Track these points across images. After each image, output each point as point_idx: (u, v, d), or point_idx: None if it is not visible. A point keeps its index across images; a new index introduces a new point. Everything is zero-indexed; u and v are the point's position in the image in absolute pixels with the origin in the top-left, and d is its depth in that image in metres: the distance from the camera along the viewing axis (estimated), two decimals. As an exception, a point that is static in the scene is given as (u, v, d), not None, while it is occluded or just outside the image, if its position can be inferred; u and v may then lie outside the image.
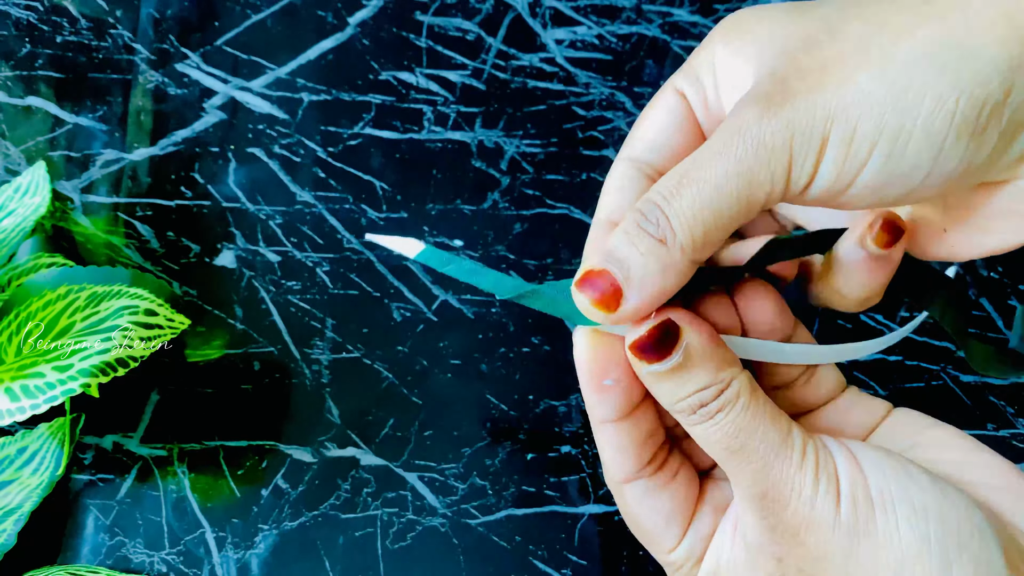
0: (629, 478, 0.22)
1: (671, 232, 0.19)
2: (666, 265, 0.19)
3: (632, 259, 0.19)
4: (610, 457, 0.23)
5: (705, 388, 0.20)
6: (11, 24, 0.43)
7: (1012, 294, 0.41)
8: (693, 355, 0.20)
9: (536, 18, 0.43)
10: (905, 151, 0.18)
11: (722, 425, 0.20)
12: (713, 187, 0.18)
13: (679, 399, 0.20)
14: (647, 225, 0.19)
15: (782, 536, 0.20)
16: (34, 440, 0.36)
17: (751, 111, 0.18)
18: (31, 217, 0.36)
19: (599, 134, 0.42)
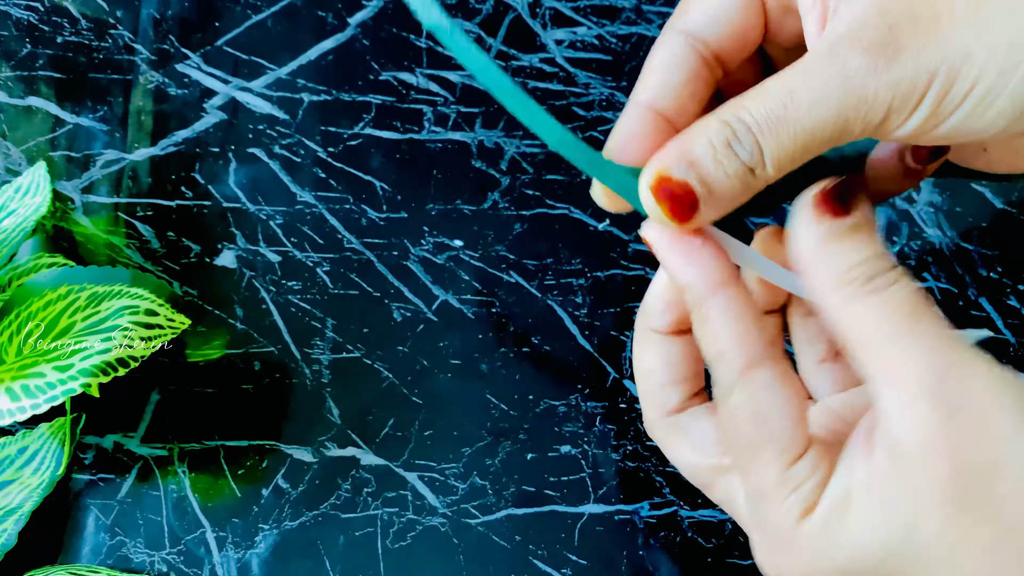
0: (755, 363, 0.20)
1: (761, 164, 0.19)
2: (748, 188, 0.19)
3: (717, 178, 0.19)
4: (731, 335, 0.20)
5: (882, 256, 0.19)
6: (11, 24, 0.43)
7: (1012, 294, 0.41)
8: (867, 223, 0.19)
9: (536, 18, 0.43)
10: (987, 112, 0.18)
11: (898, 296, 0.18)
12: (810, 131, 0.18)
13: (855, 263, 0.19)
14: (739, 148, 0.19)
15: (964, 422, 0.17)
16: (35, 440, 0.36)
17: (860, 60, 0.17)
18: (32, 217, 0.37)
19: (599, 134, 0.42)
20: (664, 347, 0.23)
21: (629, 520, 0.39)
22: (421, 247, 0.41)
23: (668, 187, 0.19)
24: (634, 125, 0.21)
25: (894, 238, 0.41)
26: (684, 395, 0.23)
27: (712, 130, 0.19)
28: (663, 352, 0.23)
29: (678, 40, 0.21)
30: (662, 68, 0.21)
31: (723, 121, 0.19)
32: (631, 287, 0.41)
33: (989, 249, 0.41)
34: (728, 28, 0.21)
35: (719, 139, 0.19)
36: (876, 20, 0.18)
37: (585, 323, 0.40)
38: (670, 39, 0.22)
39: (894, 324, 0.18)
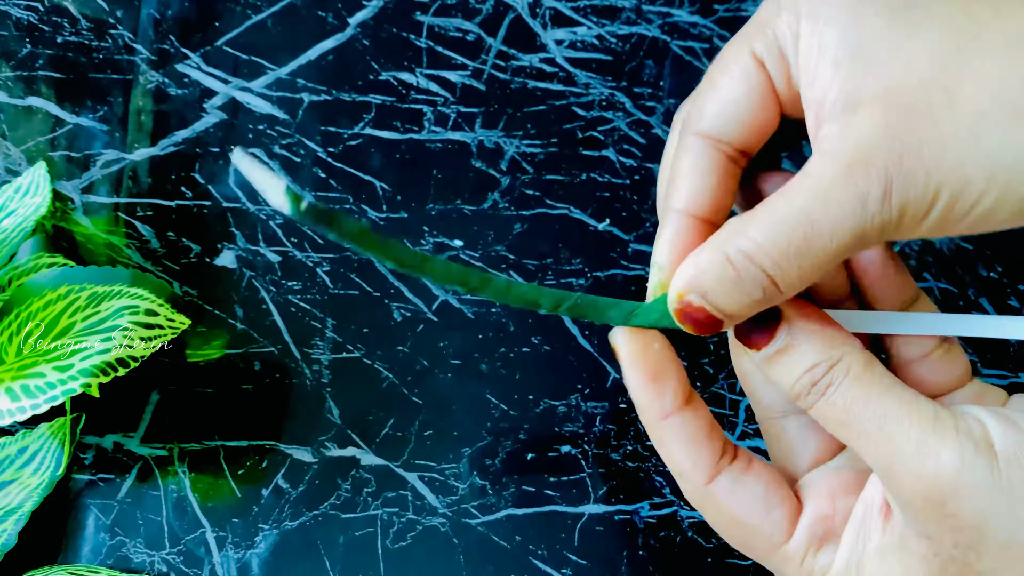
0: (712, 473, 0.21)
1: (777, 293, 0.19)
2: (761, 308, 0.20)
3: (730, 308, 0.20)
4: (685, 457, 0.22)
5: (816, 366, 0.20)
6: (11, 24, 0.43)
7: (1012, 294, 0.41)
8: (799, 335, 0.20)
9: (536, 18, 0.43)
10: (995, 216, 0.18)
11: (834, 400, 0.20)
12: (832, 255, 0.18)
13: (794, 380, 0.20)
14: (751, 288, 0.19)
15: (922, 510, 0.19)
16: (35, 440, 0.36)
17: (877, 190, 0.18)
18: (31, 217, 0.37)
19: (599, 134, 0.42)
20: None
21: (629, 520, 0.39)
22: (421, 247, 0.41)
23: (689, 312, 0.20)
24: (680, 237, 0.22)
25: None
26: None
27: (717, 265, 0.19)
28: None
29: (701, 144, 0.22)
30: (694, 174, 0.22)
31: (728, 259, 0.19)
32: (631, 287, 0.41)
33: (989, 249, 0.41)
34: (748, 126, 0.22)
35: (725, 277, 0.19)
36: (887, 146, 0.18)
37: (585, 323, 0.40)
38: (692, 144, 0.22)
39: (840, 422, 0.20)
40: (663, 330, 0.22)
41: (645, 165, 0.42)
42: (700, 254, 0.20)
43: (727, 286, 0.19)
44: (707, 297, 0.20)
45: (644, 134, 0.42)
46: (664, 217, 0.22)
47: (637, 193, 0.42)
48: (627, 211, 0.42)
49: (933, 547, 0.19)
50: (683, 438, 0.21)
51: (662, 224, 0.22)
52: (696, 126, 0.22)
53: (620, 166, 0.42)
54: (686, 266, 0.20)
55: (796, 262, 0.18)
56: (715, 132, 0.22)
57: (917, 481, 0.18)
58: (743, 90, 0.21)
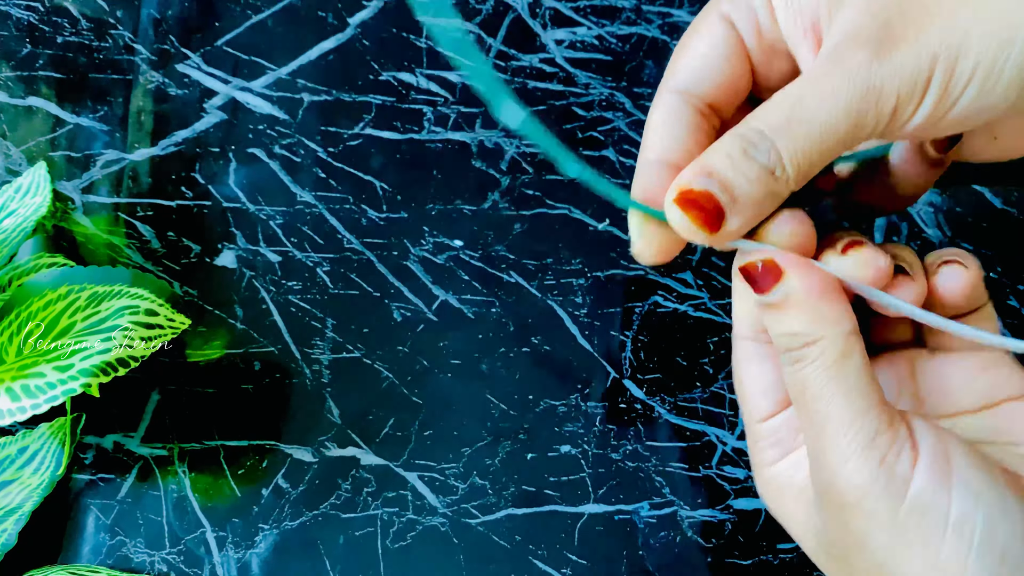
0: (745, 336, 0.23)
1: (781, 165, 0.19)
2: (771, 193, 0.20)
3: (739, 183, 0.20)
4: (736, 310, 0.23)
5: (795, 335, 0.20)
6: (12, 25, 0.43)
7: (1011, 294, 0.41)
8: (792, 300, 0.20)
9: (536, 19, 0.43)
10: (995, 86, 0.18)
11: (796, 376, 0.20)
12: (822, 128, 0.19)
13: (775, 335, 0.21)
14: (756, 153, 0.19)
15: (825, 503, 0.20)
16: (35, 440, 0.36)
17: (860, 55, 0.18)
18: (32, 217, 0.37)
19: (599, 134, 0.42)
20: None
21: (629, 520, 0.39)
22: (421, 247, 0.41)
23: (691, 197, 0.20)
24: (650, 180, 0.22)
25: (894, 238, 0.41)
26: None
27: (726, 143, 0.20)
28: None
29: (672, 98, 0.23)
30: (663, 124, 0.22)
31: (736, 134, 0.20)
32: (631, 287, 0.41)
33: (988, 249, 0.41)
34: (718, 83, 0.23)
35: (735, 148, 0.20)
36: (870, 20, 0.18)
37: (585, 323, 0.40)
38: (665, 99, 0.23)
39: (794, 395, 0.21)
40: None
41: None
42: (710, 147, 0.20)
43: (737, 157, 0.19)
44: (714, 174, 0.20)
45: (644, 134, 0.42)
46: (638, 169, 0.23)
47: (637, 193, 0.42)
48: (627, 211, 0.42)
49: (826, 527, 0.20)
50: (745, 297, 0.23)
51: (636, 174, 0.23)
52: (667, 83, 0.23)
53: (620, 166, 0.42)
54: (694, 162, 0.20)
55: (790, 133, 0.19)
56: (684, 86, 0.23)
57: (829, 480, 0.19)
58: (710, 46, 0.22)
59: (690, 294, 0.41)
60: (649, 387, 0.40)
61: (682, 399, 0.40)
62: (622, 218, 0.42)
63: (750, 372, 0.23)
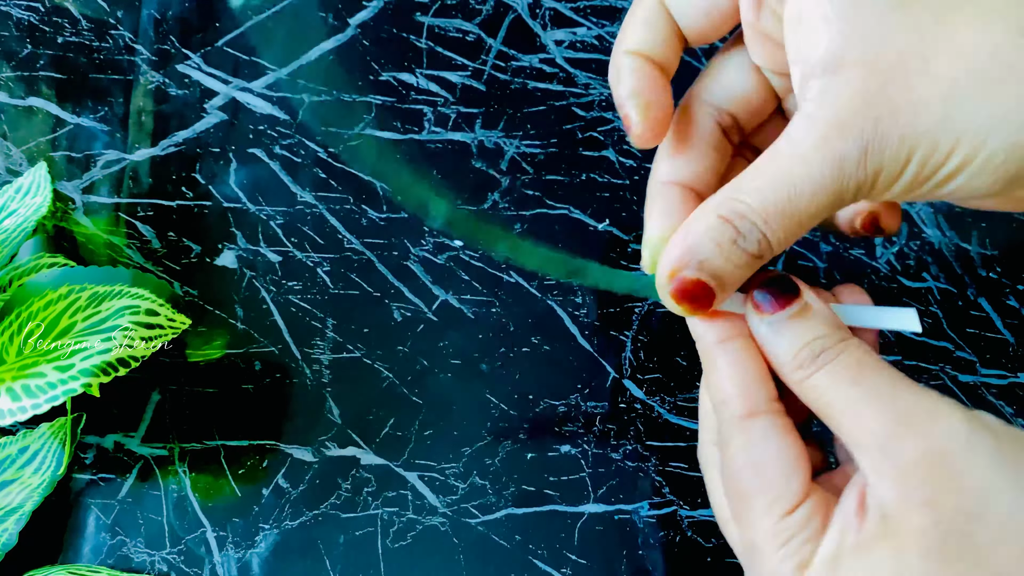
0: (755, 410, 0.21)
1: (769, 249, 0.20)
2: (754, 269, 0.21)
3: (727, 270, 0.20)
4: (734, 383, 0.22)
5: (828, 336, 0.20)
6: (12, 25, 0.43)
7: (1010, 294, 0.41)
8: (812, 306, 0.21)
9: (536, 19, 0.44)
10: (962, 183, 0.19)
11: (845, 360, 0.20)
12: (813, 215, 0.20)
13: (802, 345, 0.20)
14: (745, 243, 0.20)
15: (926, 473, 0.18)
16: (35, 440, 0.36)
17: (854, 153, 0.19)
18: (32, 217, 0.37)
19: (599, 135, 0.42)
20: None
21: (629, 520, 0.39)
22: (421, 247, 0.41)
23: (685, 287, 0.21)
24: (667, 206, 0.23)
25: (894, 238, 0.41)
26: None
27: (715, 229, 0.20)
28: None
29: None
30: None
31: (723, 218, 0.20)
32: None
33: (988, 249, 0.41)
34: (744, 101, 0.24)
35: (724, 238, 0.20)
36: (865, 110, 0.19)
37: (585, 323, 0.40)
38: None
39: (845, 393, 0.20)
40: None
41: (645, 165, 0.42)
42: (693, 223, 0.21)
43: (726, 246, 0.20)
44: (704, 264, 0.20)
45: (644, 134, 0.42)
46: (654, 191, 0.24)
47: (637, 193, 0.42)
48: (627, 211, 0.42)
49: (934, 516, 0.18)
50: (740, 366, 0.22)
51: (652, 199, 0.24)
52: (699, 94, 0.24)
53: (620, 166, 0.42)
54: (677, 239, 0.21)
55: (782, 221, 0.20)
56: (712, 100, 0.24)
57: (924, 440, 0.18)
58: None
59: (690, 294, 0.41)
60: (649, 387, 0.40)
61: (682, 399, 0.40)
62: (622, 218, 0.42)
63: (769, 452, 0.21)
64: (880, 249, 0.41)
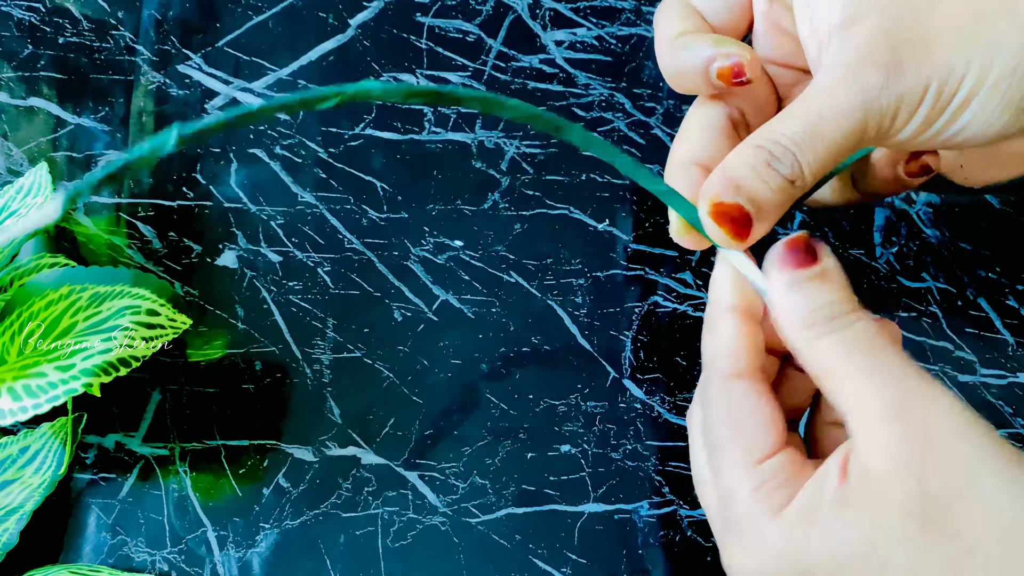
0: (741, 374, 0.23)
1: (801, 175, 0.22)
2: (790, 199, 0.22)
3: (763, 194, 0.22)
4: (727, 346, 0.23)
5: (838, 302, 0.21)
6: (13, 25, 0.43)
7: (1010, 294, 0.41)
8: (832, 272, 0.22)
9: (536, 20, 0.44)
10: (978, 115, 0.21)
11: (859, 329, 0.21)
12: (839, 141, 0.21)
13: (818, 306, 0.21)
14: (778, 165, 0.21)
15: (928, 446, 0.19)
16: (36, 439, 0.36)
17: (875, 78, 0.21)
18: (33, 217, 0.37)
19: (599, 135, 0.42)
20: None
21: (629, 519, 0.39)
22: (422, 247, 0.41)
23: (723, 210, 0.22)
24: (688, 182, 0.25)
25: (893, 238, 0.41)
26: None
27: (750, 155, 0.22)
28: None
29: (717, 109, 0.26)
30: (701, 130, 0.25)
31: (757, 146, 0.22)
32: (631, 287, 0.41)
33: (987, 249, 0.41)
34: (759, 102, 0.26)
35: (759, 161, 0.22)
36: (883, 43, 0.21)
37: (585, 323, 0.41)
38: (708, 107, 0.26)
39: (854, 359, 0.20)
40: None
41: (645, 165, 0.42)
42: (730, 156, 0.22)
43: (761, 169, 0.21)
44: (741, 188, 0.22)
45: (644, 135, 0.42)
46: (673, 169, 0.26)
47: (637, 193, 0.42)
48: (627, 211, 0.42)
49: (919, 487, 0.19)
50: (736, 329, 0.23)
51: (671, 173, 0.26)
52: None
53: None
54: (717, 171, 0.22)
55: (812, 145, 0.21)
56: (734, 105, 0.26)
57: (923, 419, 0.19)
58: None
59: (690, 294, 0.41)
60: (649, 387, 0.40)
61: (682, 399, 0.40)
62: (622, 218, 0.42)
63: (750, 407, 0.22)
64: (880, 249, 0.41)
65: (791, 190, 0.22)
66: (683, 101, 0.43)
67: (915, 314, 0.40)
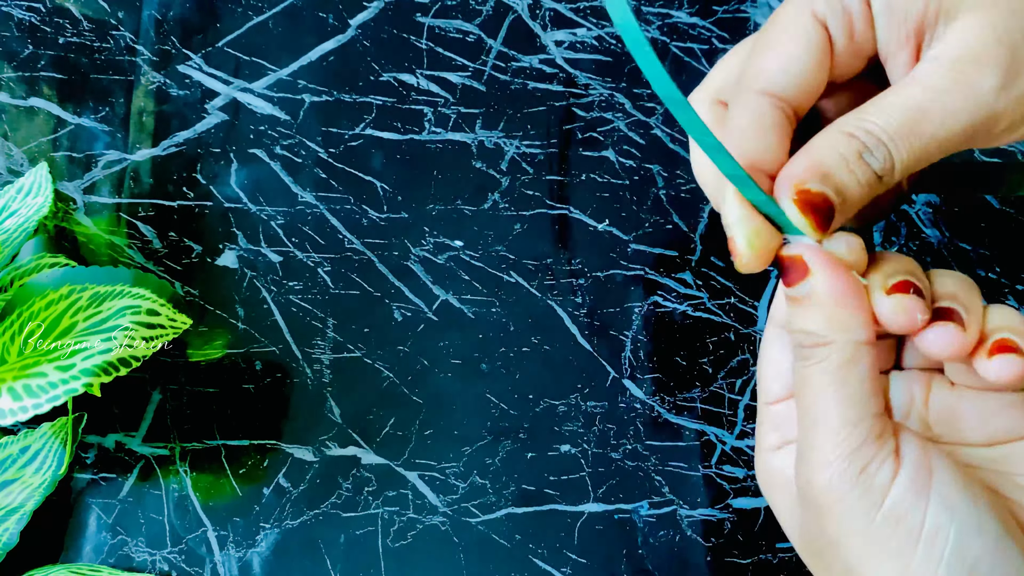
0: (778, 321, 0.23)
1: (891, 171, 0.20)
2: (875, 193, 0.20)
3: (851, 186, 0.20)
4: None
5: (809, 334, 0.20)
6: (13, 25, 0.43)
7: (1010, 294, 0.41)
8: (813, 299, 0.20)
9: (536, 20, 0.44)
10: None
11: (801, 373, 0.20)
12: (941, 141, 0.20)
13: (795, 329, 0.21)
14: (870, 158, 0.20)
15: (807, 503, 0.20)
16: (37, 439, 0.37)
17: (989, 80, 0.19)
18: (34, 217, 0.37)
19: (599, 135, 0.42)
20: None
21: (629, 519, 0.39)
22: (422, 247, 0.41)
23: (808, 199, 0.20)
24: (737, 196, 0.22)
25: (893, 238, 0.41)
26: None
27: (841, 143, 0.20)
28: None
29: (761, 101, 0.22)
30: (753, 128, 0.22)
31: (848, 134, 0.20)
32: (631, 287, 0.41)
33: (987, 249, 0.41)
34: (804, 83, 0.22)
35: (850, 151, 0.20)
36: (996, 43, 0.19)
37: (585, 323, 0.41)
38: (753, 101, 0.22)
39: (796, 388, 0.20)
40: None
41: (645, 165, 0.42)
42: (818, 140, 0.20)
43: (851, 159, 0.20)
44: (829, 177, 0.20)
45: (644, 135, 0.42)
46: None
47: (637, 193, 0.42)
48: (627, 211, 0.42)
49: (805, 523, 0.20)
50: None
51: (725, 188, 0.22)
52: (755, 84, 0.22)
53: (620, 166, 0.42)
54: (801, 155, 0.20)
55: (909, 140, 0.19)
56: (774, 88, 0.22)
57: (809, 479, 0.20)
58: (803, 47, 0.22)
59: (689, 294, 0.41)
60: (649, 387, 0.40)
61: (682, 399, 0.40)
62: (622, 218, 0.42)
63: (770, 354, 0.23)
64: (879, 249, 0.41)
65: (877, 185, 0.20)
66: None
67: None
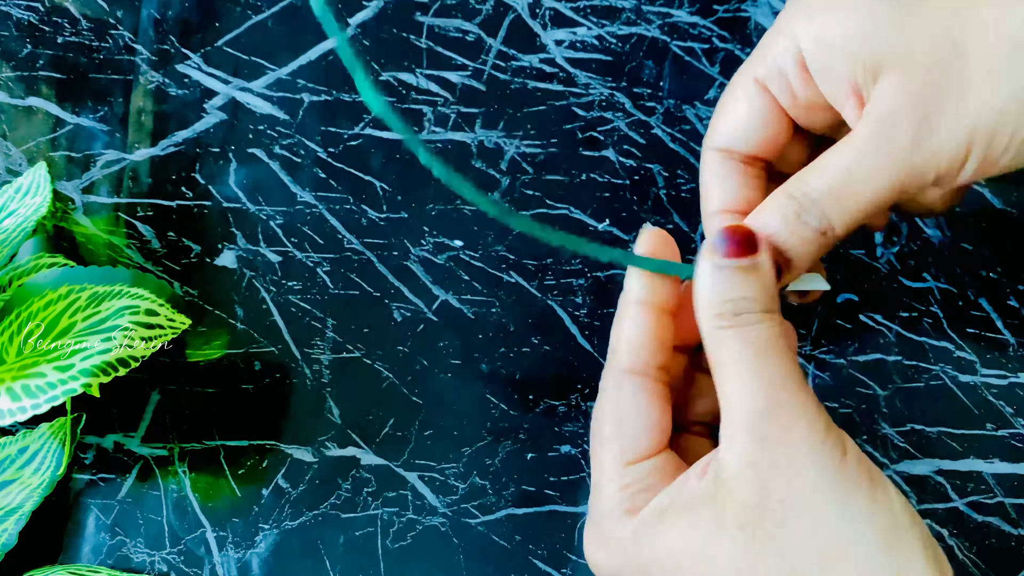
0: (636, 371, 0.23)
1: (831, 228, 0.22)
2: (821, 249, 0.22)
3: (794, 247, 0.22)
4: (629, 340, 0.23)
5: (757, 300, 0.21)
6: (12, 25, 0.43)
7: (1011, 294, 0.41)
8: (763, 271, 0.22)
9: (536, 19, 0.44)
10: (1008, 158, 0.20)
11: (759, 331, 0.21)
12: (868, 199, 0.21)
13: (731, 297, 0.21)
14: (808, 218, 0.22)
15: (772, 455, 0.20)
16: (35, 440, 0.36)
17: (903, 138, 0.20)
18: (32, 217, 0.37)
19: (599, 135, 0.42)
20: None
21: (629, 520, 0.39)
22: (421, 247, 0.41)
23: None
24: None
25: (894, 238, 0.41)
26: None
27: (782, 204, 0.22)
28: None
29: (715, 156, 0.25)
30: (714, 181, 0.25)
31: (789, 195, 0.22)
32: (631, 287, 0.41)
33: (989, 249, 0.41)
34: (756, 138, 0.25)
35: (789, 212, 0.22)
36: (907, 100, 0.20)
37: (585, 323, 0.40)
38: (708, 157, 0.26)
39: (743, 358, 0.21)
40: None
41: (645, 165, 0.42)
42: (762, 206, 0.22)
43: (791, 220, 0.22)
44: (772, 236, 0.22)
45: (644, 134, 0.42)
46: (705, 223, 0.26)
47: (637, 193, 0.42)
48: (627, 211, 0.42)
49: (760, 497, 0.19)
50: (642, 325, 0.23)
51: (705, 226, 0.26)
52: (709, 142, 0.26)
53: (620, 166, 0.42)
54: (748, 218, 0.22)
55: (839, 200, 0.21)
56: (725, 145, 0.25)
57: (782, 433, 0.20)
58: (747, 109, 0.24)
59: (690, 294, 0.41)
60: (649, 387, 0.40)
61: (682, 399, 0.40)
62: (622, 218, 0.42)
63: (636, 407, 0.23)
64: (880, 249, 0.41)
65: (822, 241, 0.22)
66: (683, 101, 0.43)
67: (916, 314, 0.40)
